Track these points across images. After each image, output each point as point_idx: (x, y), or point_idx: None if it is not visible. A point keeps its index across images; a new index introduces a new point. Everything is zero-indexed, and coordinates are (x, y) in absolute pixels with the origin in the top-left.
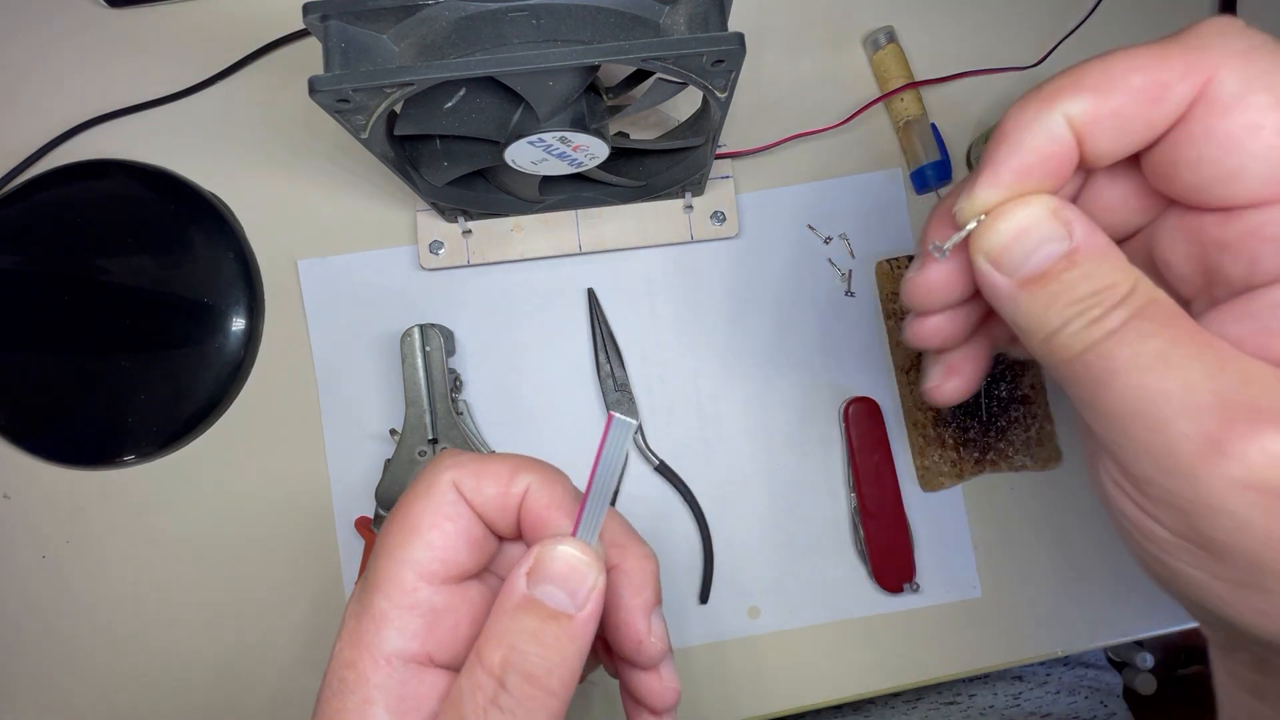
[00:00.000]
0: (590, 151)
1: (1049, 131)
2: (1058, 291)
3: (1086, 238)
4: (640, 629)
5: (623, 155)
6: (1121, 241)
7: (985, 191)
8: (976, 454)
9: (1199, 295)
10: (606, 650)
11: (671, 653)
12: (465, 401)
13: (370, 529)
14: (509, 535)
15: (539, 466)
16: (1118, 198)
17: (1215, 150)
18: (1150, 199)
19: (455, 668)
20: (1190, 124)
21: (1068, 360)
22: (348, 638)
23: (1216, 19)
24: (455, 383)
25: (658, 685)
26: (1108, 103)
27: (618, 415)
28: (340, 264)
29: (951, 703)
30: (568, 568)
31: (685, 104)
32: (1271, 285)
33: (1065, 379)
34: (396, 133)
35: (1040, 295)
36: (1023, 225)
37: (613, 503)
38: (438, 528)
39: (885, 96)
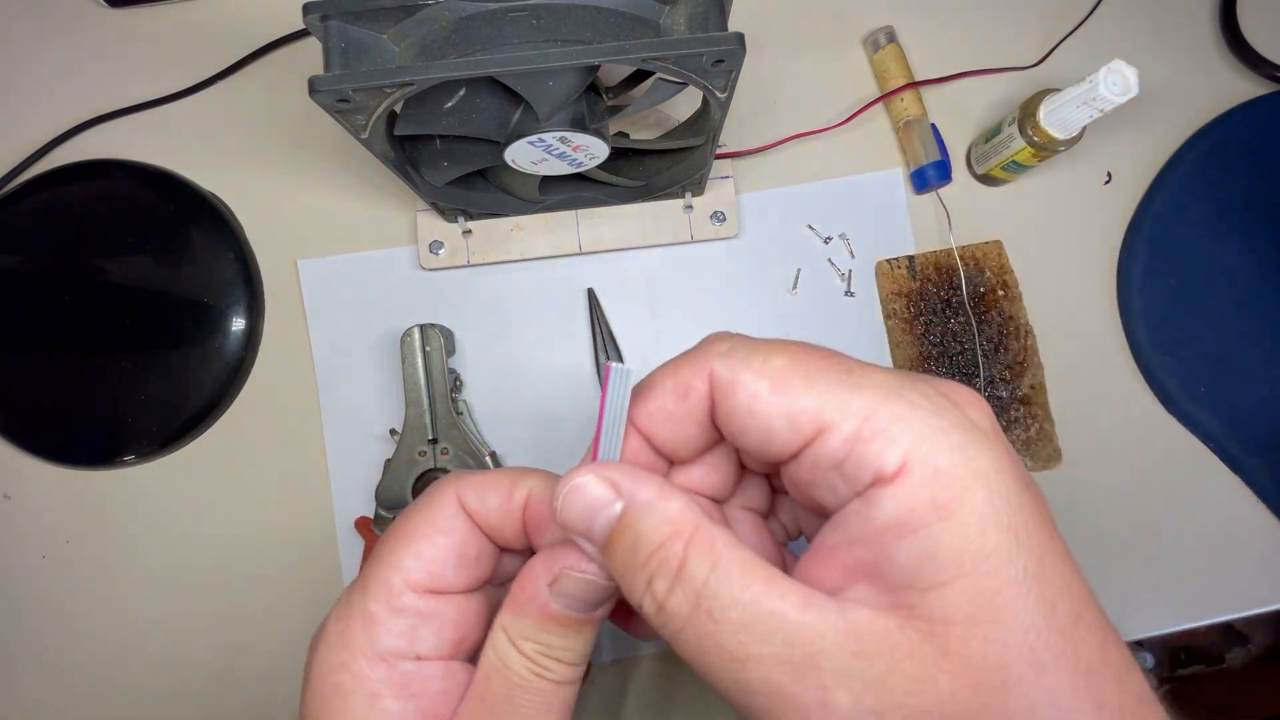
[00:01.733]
0: (590, 151)
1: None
2: (623, 557)
3: (633, 495)
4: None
5: (623, 155)
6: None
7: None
8: None
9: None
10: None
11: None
12: (465, 401)
13: (370, 529)
14: (515, 546)
15: (539, 473)
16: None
17: (745, 420)
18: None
19: (444, 659)
20: (719, 406)
21: (667, 639)
22: (335, 641)
23: (712, 335)
24: (455, 383)
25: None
26: (651, 404)
27: (615, 364)
28: (340, 264)
29: None
30: (585, 588)
31: (685, 104)
32: (847, 503)
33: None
34: (396, 133)
35: (614, 562)
36: (575, 492)
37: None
38: (430, 540)
39: (885, 96)
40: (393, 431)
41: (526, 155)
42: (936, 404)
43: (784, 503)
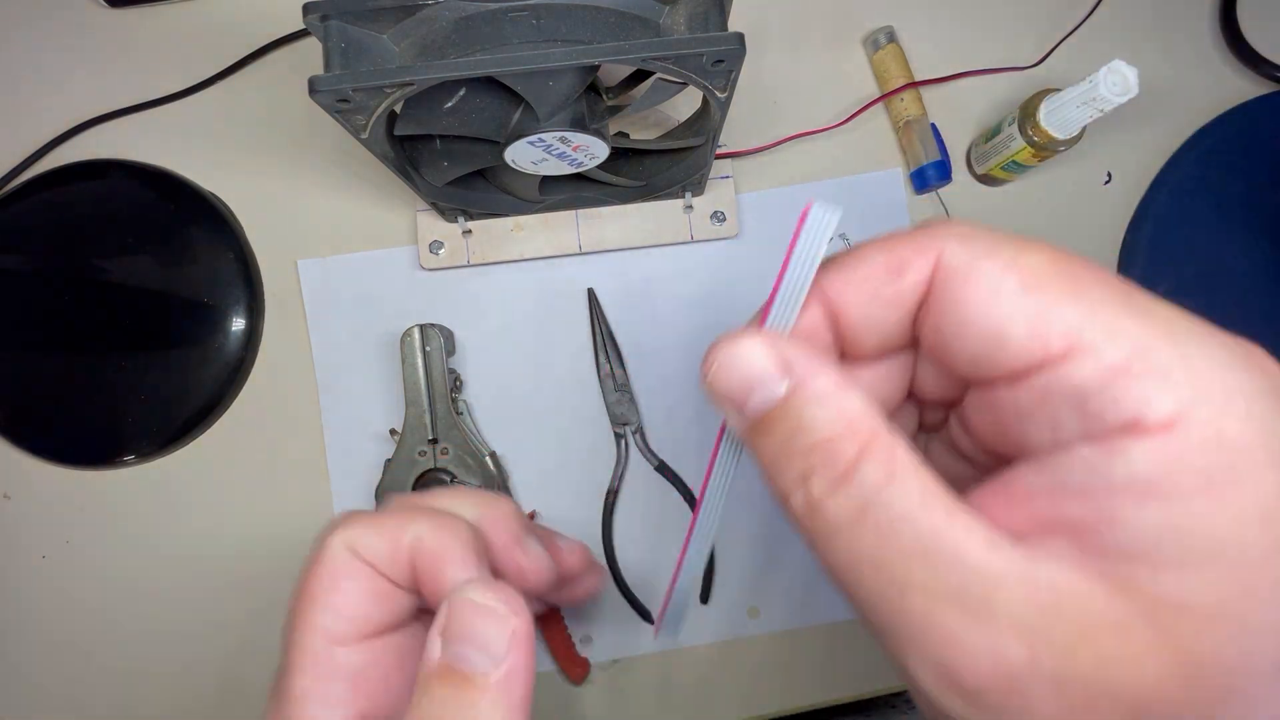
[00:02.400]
0: (590, 151)
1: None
2: (777, 443)
3: (805, 379)
4: (516, 559)
5: (623, 155)
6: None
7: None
8: None
9: (1012, 457)
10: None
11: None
12: (465, 401)
13: None
14: (413, 590)
15: (430, 515)
16: (931, 380)
17: (975, 319)
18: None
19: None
20: (938, 297)
21: (807, 540)
22: None
23: (935, 219)
24: (455, 383)
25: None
26: (855, 274)
27: (818, 203)
28: (340, 264)
29: None
30: (482, 622)
31: (685, 104)
32: (1072, 447)
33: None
34: (396, 133)
35: (764, 446)
36: (734, 360)
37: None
38: (337, 590)
39: (885, 96)
40: (393, 431)
41: (526, 155)
42: (1234, 358)
43: (920, 442)
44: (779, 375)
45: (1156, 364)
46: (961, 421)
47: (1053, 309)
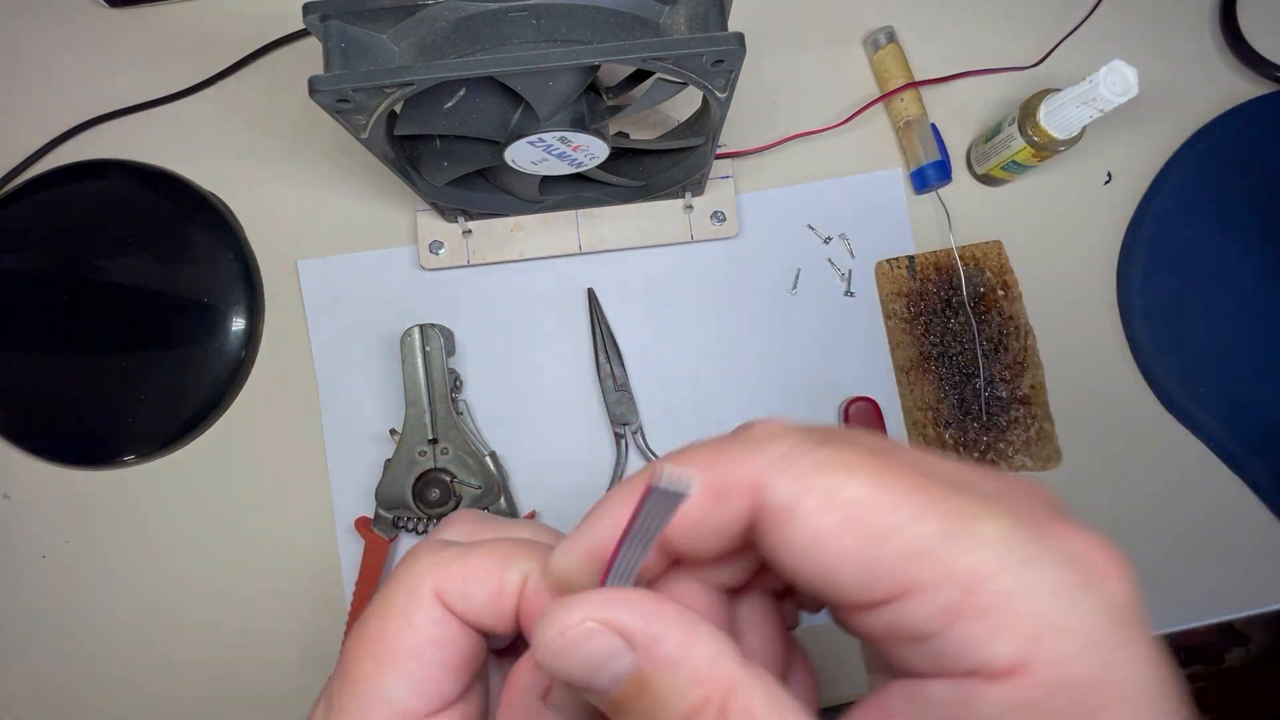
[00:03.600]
0: (590, 151)
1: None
2: None
3: (649, 648)
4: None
5: (623, 155)
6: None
7: (558, 557)
8: (976, 454)
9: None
10: None
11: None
12: (465, 401)
13: (370, 529)
14: (509, 632)
15: (534, 549)
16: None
17: (801, 562)
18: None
19: None
20: (766, 534)
21: None
22: None
23: (761, 421)
24: (455, 383)
25: None
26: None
27: (666, 474)
28: (340, 264)
29: None
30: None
31: (685, 104)
32: (930, 679)
33: None
34: (396, 133)
35: None
36: (569, 642)
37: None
38: (416, 655)
39: (885, 96)
40: (393, 431)
41: (526, 155)
42: (1069, 576)
43: None
44: (622, 646)
45: (991, 603)
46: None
47: (875, 550)
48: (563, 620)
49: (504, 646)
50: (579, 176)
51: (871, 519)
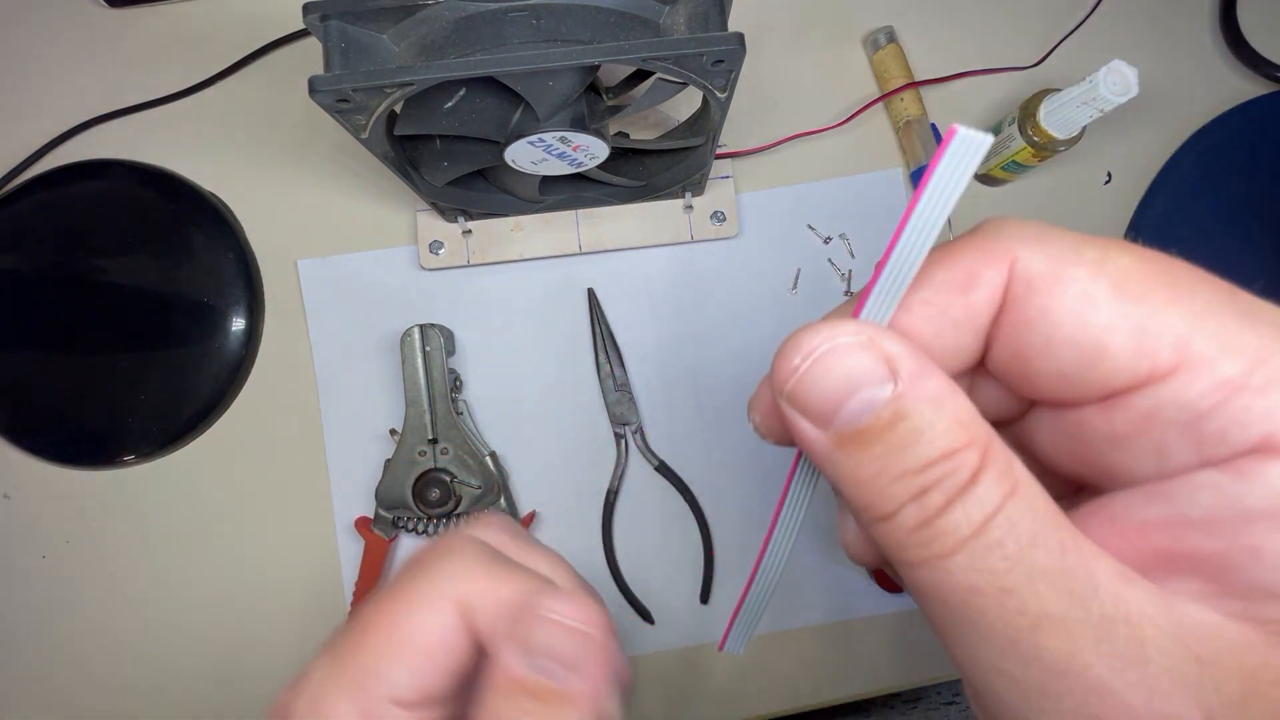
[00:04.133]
0: (590, 151)
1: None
2: (882, 457)
3: (914, 381)
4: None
5: (623, 155)
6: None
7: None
8: None
9: (1095, 484)
10: None
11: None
12: (465, 401)
13: (370, 529)
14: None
15: (565, 580)
16: (988, 401)
17: (1060, 329)
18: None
19: None
20: (1018, 311)
21: (908, 564)
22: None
23: (995, 218)
24: (455, 383)
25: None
26: (916, 294)
27: (963, 128)
28: (340, 264)
29: (951, 702)
30: (561, 636)
31: (685, 104)
32: (1189, 473)
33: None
34: (396, 133)
35: (862, 461)
36: (827, 358)
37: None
38: (428, 652)
39: (885, 96)
40: (393, 431)
41: (526, 155)
42: None
43: None
44: (885, 376)
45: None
46: (1020, 442)
47: (1156, 317)
48: (831, 332)
49: None
50: (579, 176)
51: (1148, 286)
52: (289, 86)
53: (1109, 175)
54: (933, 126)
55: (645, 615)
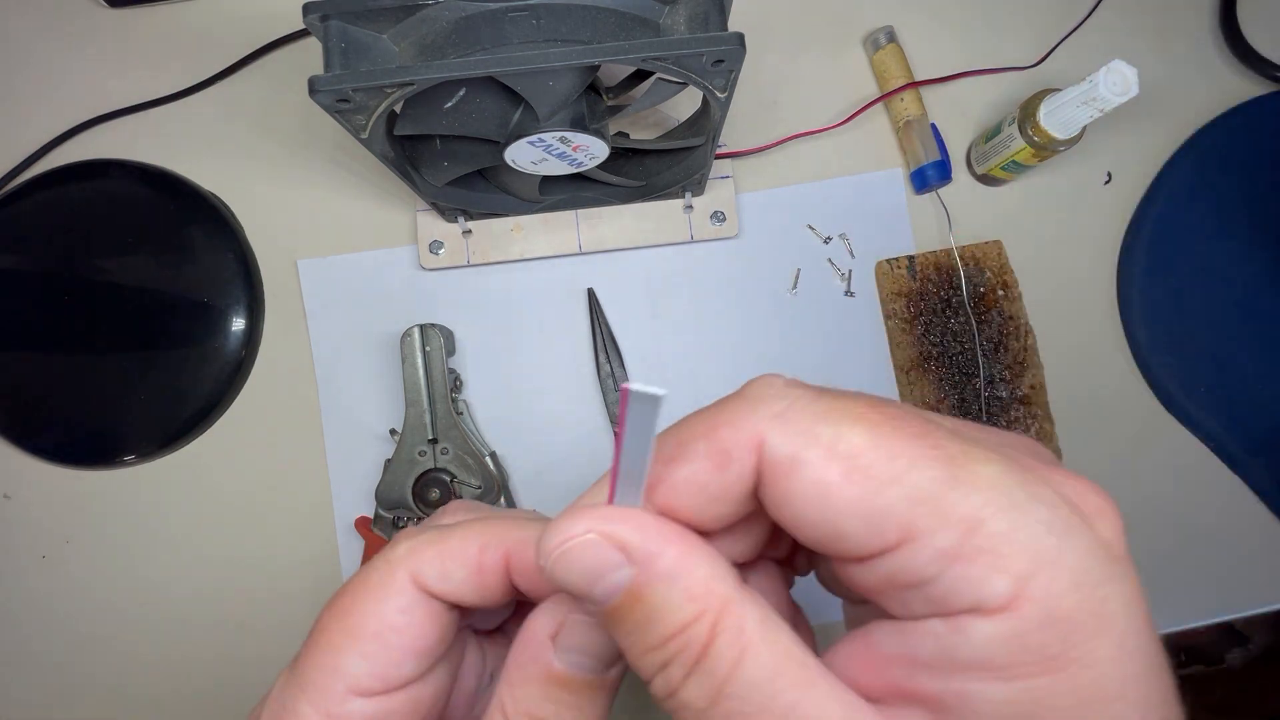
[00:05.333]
0: (590, 151)
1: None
2: (631, 633)
3: (647, 563)
4: None
5: (623, 155)
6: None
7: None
8: None
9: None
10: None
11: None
12: (465, 401)
13: (370, 529)
14: (497, 604)
15: (510, 527)
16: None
17: (806, 513)
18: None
19: None
20: (770, 489)
21: (669, 712)
22: None
23: (759, 379)
24: (455, 383)
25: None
26: (679, 470)
27: (635, 388)
28: (340, 264)
29: None
30: (598, 635)
31: (685, 104)
32: (924, 620)
33: None
34: (396, 133)
35: (620, 635)
36: (571, 552)
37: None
38: (379, 638)
39: (885, 96)
40: (393, 431)
41: (526, 155)
42: (1061, 517)
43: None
44: (620, 561)
45: (987, 544)
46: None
47: (878, 498)
48: (566, 531)
49: (493, 628)
50: (579, 176)
51: (873, 468)
52: (289, 86)
53: (1109, 175)
54: (933, 127)
55: None
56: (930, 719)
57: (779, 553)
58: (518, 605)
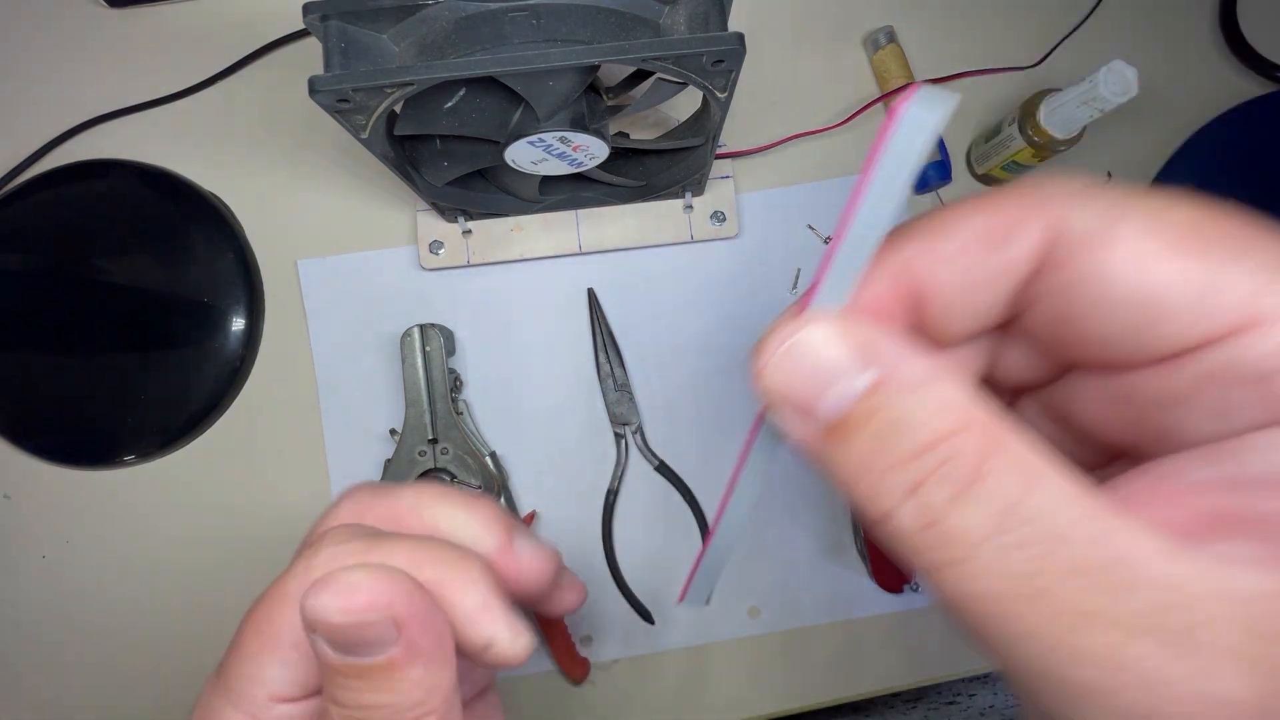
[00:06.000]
0: (590, 151)
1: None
2: (867, 448)
3: (895, 366)
4: (478, 635)
5: (623, 155)
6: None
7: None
8: None
9: (1142, 450)
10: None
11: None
12: (465, 401)
13: None
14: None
15: (427, 547)
16: (1019, 362)
17: (1114, 289)
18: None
19: None
20: (1063, 270)
21: (923, 570)
22: None
23: (1037, 175)
24: (455, 383)
25: (564, 604)
26: (947, 244)
27: (921, 94)
28: (340, 264)
29: (951, 702)
30: (359, 631)
31: (685, 104)
32: (1254, 433)
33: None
34: (396, 133)
35: (849, 454)
36: (798, 351)
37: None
38: (298, 648)
39: (885, 96)
40: (393, 431)
41: (526, 155)
42: None
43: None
44: (860, 364)
45: None
46: (1055, 409)
47: (1219, 274)
48: (796, 328)
49: None
50: (579, 176)
51: (1210, 241)
52: (289, 86)
53: (1109, 175)
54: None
55: (645, 615)
56: (1270, 549)
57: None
58: None
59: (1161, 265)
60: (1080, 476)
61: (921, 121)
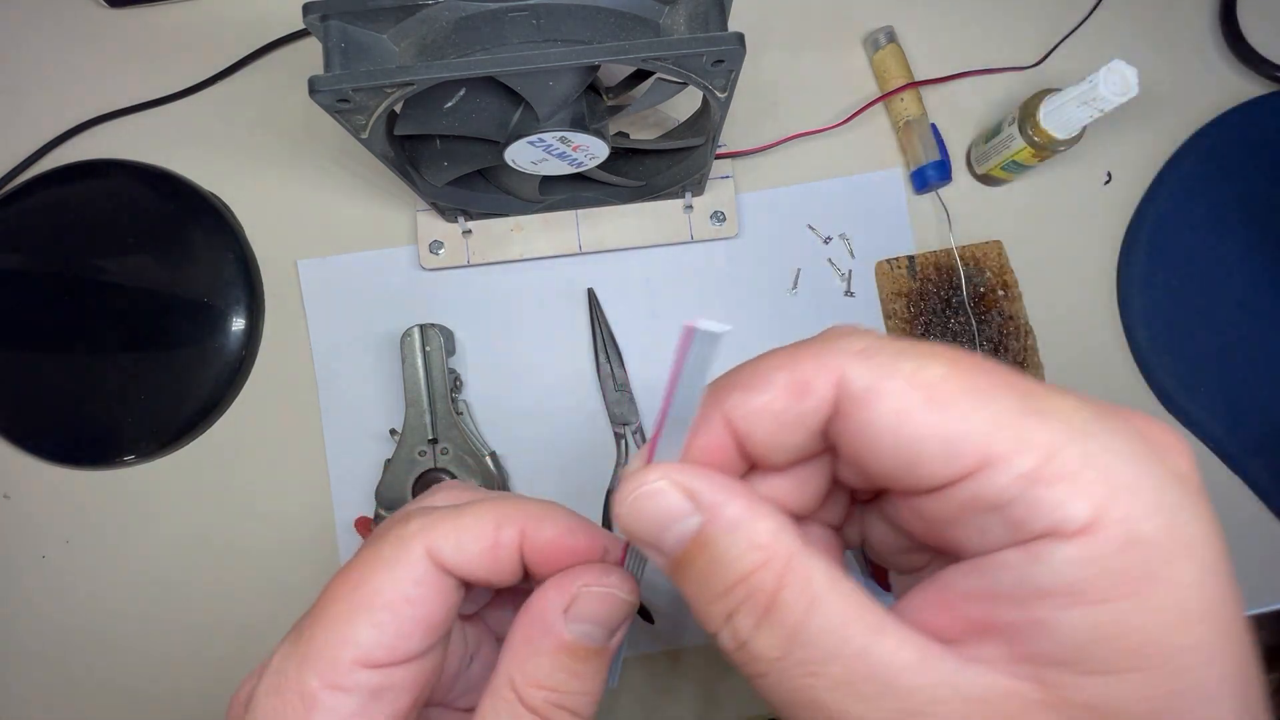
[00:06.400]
0: (590, 151)
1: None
2: (698, 581)
3: (713, 511)
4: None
5: (623, 155)
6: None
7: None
8: None
9: (946, 552)
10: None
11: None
12: (465, 401)
13: (370, 529)
14: (505, 581)
15: (522, 506)
16: (854, 476)
17: (884, 441)
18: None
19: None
20: (847, 420)
21: (737, 666)
22: (272, 703)
23: (838, 326)
24: (455, 383)
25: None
26: (757, 398)
27: (699, 324)
28: (340, 264)
29: None
30: (608, 606)
31: (685, 104)
32: (1001, 551)
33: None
34: (396, 133)
35: (687, 583)
36: (642, 500)
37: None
38: (392, 609)
39: (885, 96)
40: (393, 431)
41: (526, 155)
42: (1136, 448)
43: (855, 514)
44: (689, 509)
45: (1066, 468)
46: (890, 515)
47: (960, 424)
48: (642, 479)
49: (471, 614)
50: (579, 176)
51: (952, 395)
52: (289, 86)
53: (1109, 175)
54: (933, 127)
55: (645, 615)
56: (1008, 650)
57: (832, 518)
58: (495, 592)
59: (916, 418)
60: (860, 595)
61: (710, 332)
